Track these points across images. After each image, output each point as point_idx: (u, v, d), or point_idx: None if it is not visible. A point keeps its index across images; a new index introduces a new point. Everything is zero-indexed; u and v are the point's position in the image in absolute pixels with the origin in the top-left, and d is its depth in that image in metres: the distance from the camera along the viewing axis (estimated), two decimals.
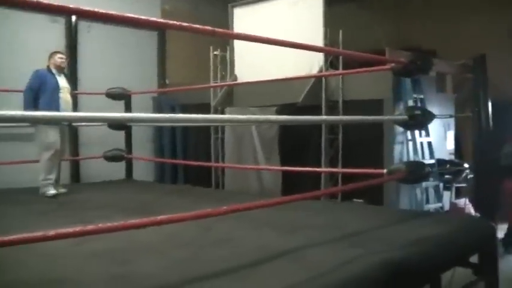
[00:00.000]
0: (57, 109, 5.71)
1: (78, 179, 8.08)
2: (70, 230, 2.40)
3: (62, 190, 5.98)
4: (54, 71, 5.94)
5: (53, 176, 5.81)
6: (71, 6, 2.52)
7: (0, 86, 6.80)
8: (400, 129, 6.59)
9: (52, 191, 5.70)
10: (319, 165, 7.08)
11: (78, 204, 5.12)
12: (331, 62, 7.30)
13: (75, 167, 8.18)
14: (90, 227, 2.52)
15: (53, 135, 5.79)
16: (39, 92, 5.71)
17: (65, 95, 5.94)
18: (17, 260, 2.86)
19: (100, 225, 2.55)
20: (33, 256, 2.91)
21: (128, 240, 3.22)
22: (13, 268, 2.79)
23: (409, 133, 6.98)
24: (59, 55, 6.07)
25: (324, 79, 7.31)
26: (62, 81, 5.98)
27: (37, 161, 5.89)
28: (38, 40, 7.84)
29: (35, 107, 5.57)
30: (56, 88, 5.84)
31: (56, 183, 5.93)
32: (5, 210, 4.64)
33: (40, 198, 5.49)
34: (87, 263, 2.93)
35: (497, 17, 9.50)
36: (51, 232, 2.32)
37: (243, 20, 8.43)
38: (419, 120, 4.52)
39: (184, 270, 2.79)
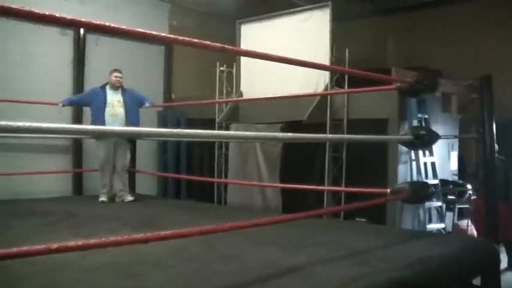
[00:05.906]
0: (103, 123, 6.25)
1: (81, 191, 8.07)
2: (73, 243, 2.39)
3: (130, 198, 6.56)
4: (108, 87, 6.58)
5: (105, 185, 6.56)
6: (82, 19, 2.55)
7: (11, 97, 6.86)
8: (404, 148, 6.57)
9: (101, 198, 6.48)
10: (323, 183, 7.06)
11: (83, 217, 5.11)
12: (337, 79, 7.30)
13: (78, 180, 8.17)
14: (93, 240, 2.51)
15: (101, 149, 6.53)
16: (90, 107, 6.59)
17: (112, 109, 6.44)
18: (21, 272, 2.85)
19: (104, 239, 2.54)
20: (37, 269, 2.90)
21: (133, 254, 3.22)
22: (17, 281, 2.78)
23: (413, 153, 6.96)
24: (115, 74, 6.61)
25: (329, 97, 7.30)
26: (113, 97, 6.51)
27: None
28: (47, 52, 7.91)
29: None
30: (103, 104, 6.42)
31: (111, 192, 6.58)
32: (12, 222, 4.64)
33: (46, 211, 5.44)
34: (92, 276, 2.92)
35: (504, 38, 9.54)
36: (54, 245, 2.29)
37: (250, 36, 8.47)
38: (424, 140, 4.50)
39: (189, 284, 2.78)
